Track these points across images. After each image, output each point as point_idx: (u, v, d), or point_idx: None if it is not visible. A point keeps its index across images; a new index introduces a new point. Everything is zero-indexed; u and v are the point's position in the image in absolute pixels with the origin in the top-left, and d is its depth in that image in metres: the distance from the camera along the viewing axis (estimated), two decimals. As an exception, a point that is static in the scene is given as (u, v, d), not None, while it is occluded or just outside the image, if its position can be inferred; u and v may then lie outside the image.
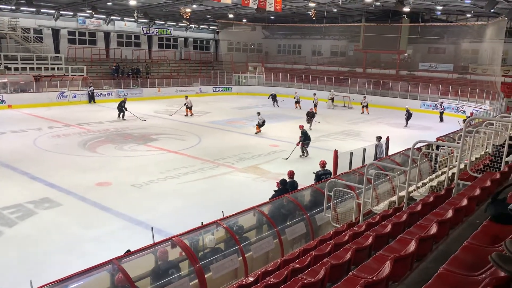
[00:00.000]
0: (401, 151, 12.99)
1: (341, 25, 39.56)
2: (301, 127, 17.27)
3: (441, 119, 27.04)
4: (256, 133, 20.96)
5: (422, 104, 32.26)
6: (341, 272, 4.02)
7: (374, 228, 5.29)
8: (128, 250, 6.15)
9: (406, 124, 24.93)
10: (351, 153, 13.12)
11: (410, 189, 7.11)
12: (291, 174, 10.21)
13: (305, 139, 16.52)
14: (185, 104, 26.11)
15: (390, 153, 14.64)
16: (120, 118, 23.69)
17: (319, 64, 43.42)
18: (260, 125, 21.16)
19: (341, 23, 39.44)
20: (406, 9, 29.55)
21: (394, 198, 7.60)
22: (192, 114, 25.92)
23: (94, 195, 11.64)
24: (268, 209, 7.92)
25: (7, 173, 13.49)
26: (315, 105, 28.33)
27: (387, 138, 15.78)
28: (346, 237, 5.41)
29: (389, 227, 4.93)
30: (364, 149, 14.00)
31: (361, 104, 30.50)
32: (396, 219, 5.28)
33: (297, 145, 16.51)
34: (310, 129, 20.98)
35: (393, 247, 3.96)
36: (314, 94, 30.70)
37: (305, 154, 16.61)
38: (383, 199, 8.71)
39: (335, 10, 34.26)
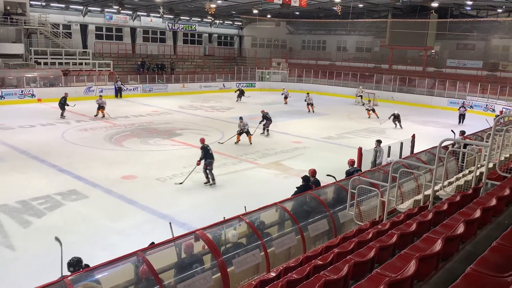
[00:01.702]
0: (427, 149, 12.74)
1: (367, 21, 39.04)
2: (262, 111, 19.61)
3: (461, 121, 24.62)
4: (235, 142, 17.55)
5: (449, 101, 31.53)
6: (365, 270, 3.99)
7: (398, 227, 5.22)
8: (153, 243, 6.25)
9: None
10: (376, 151, 12.97)
11: (436, 188, 6.98)
12: (313, 172, 9.91)
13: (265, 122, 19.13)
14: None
15: (415, 151, 14.37)
16: (63, 116, 22.01)
17: (344, 60, 42.98)
18: (242, 132, 17.67)
19: (367, 18, 38.94)
20: (435, 4, 28.93)
21: (420, 196, 7.48)
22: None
23: (120, 188, 11.86)
24: (290, 205, 7.91)
25: (36, 165, 13.89)
26: (285, 97, 29.60)
27: (413, 136, 15.51)
28: (370, 235, 5.35)
29: (414, 226, 4.85)
30: (389, 147, 13.81)
31: (366, 108, 26.81)
32: (422, 218, 5.19)
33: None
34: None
35: (418, 246, 3.90)
36: (284, 88, 31.20)
37: (265, 134, 19.24)
38: (408, 198, 8.57)
39: (361, 5, 33.79)
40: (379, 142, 13.24)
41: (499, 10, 33.08)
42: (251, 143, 17.46)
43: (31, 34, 31.24)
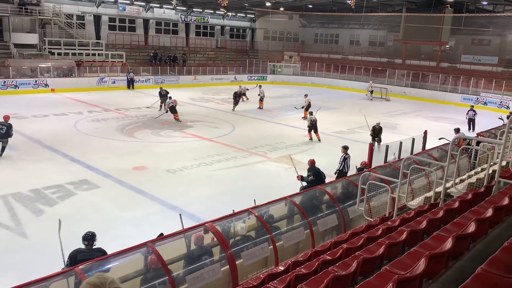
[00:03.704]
0: (439, 145, 12.62)
1: (381, 15, 38.56)
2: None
3: (471, 127, 21.60)
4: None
5: (463, 97, 31.12)
6: (373, 266, 3.98)
7: (408, 224, 5.19)
8: (161, 234, 6.31)
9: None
10: (387, 146, 12.88)
11: (447, 185, 6.91)
12: (312, 162, 10.35)
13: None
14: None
15: (427, 147, 14.24)
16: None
17: (357, 54, 42.58)
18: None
19: (380, 12, 38.45)
20: (450, -1, 28.46)
21: (430, 193, 7.43)
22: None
23: (131, 179, 11.96)
24: (300, 199, 7.91)
25: (49, 154, 14.06)
26: (261, 99, 25.45)
27: (425, 132, 15.36)
28: (379, 232, 5.33)
29: (424, 223, 4.82)
30: (401, 142, 13.69)
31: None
32: (432, 216, 5.15)
33: None
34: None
35: (428, 243, 3.88)
36: (260, 86, 27.26)
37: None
38: (419, 195, 8.51)
39: (375, -1, 33.43)
40: (345, 148, 11.66)
41: (517, 5, 32.45)
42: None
43: (46, 24, 31.49)
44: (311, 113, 18.16)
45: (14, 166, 12.65)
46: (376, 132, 16.53)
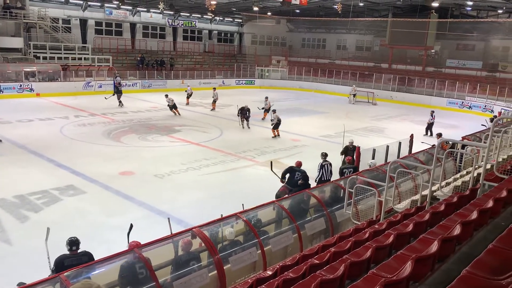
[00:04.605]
0: (425, 149, 12.76)
1: (367, 20, 38.98)
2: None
3: (428, 132, 20.85)
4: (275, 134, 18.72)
5: (448, 102, 31.58)
6: (361, 270, 4.00)
7: (395, 227, 5.23)
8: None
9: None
10: (374, 150, 12.97)
11: (434, 188, 6.99)
12: (299, 164, 10.39)
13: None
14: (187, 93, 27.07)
15: (413, 151, 14.39)
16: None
17: (344, 59, 42.93)
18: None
19: (367, 17, 38.86)
20: (435, 4, 28.90)
21: (417, 197, 7.50)
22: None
23: (117, 184, 11.85)
24: (287, 203, 7.92)
25: (34, 159, 13.86)
26: (214, 101, 25.73)
27: (411, 136, 15.52)
28: (367, 235, 5.36)
29: (411, 226, 4.86)
30: (387, 146, 13.81)
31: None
32: (418, 219, 5.20)
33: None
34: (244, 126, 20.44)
35: (414, 246, 3.91)
36: (214, 88, 27.00)
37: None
38: (405, 198, 8.59)
39: (361, 4, 33.77)
40: (325, 155, 11.09)
41: (500, 11, 33.08)
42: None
43: (30, 28, 31.13)
44: (274, 111, 19.29)
45: (-2, 171, 12.44)
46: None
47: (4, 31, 29.06)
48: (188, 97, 27.17)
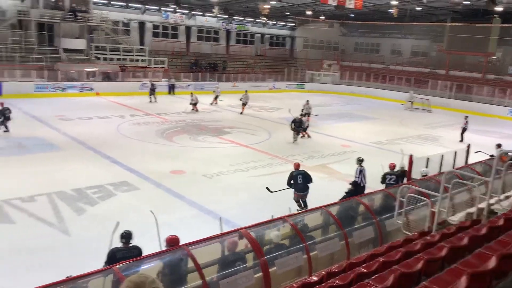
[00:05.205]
0: (483, 160, 12.15)
1: (425, 24, 37.71)
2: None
3: (461, 137, 20.53)
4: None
5: (510, 111, 29.83)
6: (411, 282, 3.87)
7: (449, 240, 5.01)
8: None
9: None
10: (427, 159, 12.50)
11: (491, 201, 6.64)
12: (298, 166, 10.72)
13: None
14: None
15: (469, 162, 13.73)
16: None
17: (398, 64, 41.74)
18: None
19: (424, 21, 37.58)
20: (499, 9, 27.42)
21: (473, 209, 7.15)
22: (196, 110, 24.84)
23: (168, 182, 12.21)
24: (336, 209, 7.81)
25: (92, 155, 14.60)
26: (216, 97, 27.45)
27: (468, 146, 14.83)
28: (418, 246, 5.18)
29: (466, 240, 4.65)
30: (442, 156, 13.28)
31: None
32: (474, 232, 4.96)
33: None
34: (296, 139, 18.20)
35: (470, 261, 3.74)
36: (246, 91, 26.36)
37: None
38: (460, 210, 8.20)
39: (418, 8, 32.72)
40: (360, 160, 11.12)
41: None
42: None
43: (93, 30, 32.82)
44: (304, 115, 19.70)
45: (59, 166, 13.19)
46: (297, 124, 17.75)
47: (69, 33, 30.84)
48: (215, 98, 27.85)
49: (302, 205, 10.33)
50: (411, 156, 12.65)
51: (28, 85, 26.29)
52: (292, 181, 10.39)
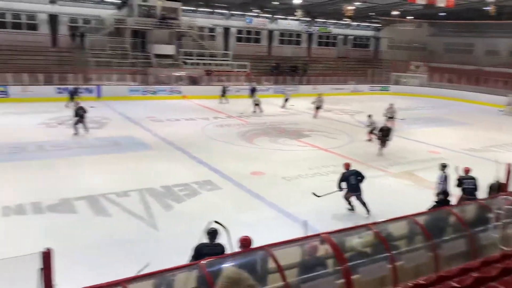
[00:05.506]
0: None
1: (526, 21, 34.42)
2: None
3: None
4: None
5: None
6: (511, 301, 3.56)
7: (556, 259, 4.53)
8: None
9: None
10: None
11: None
12: (348, 165, 10.72)
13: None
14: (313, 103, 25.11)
15: None
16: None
17: (494, 66, 38.52)
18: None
19: (526, 18, 34.34)
20: None
21: None
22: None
23: (249, 183, 12.46)
24: (423, 219, 7.41)
25: (179, 155, 15.40)
26: (317, 108, 24.40)
27: None
28: (518, 263, 4.75)
29: None
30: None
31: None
32: None
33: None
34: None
35: None
36: (319, 95, 25.23)
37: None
38: None
39: (519, 4, 29.98)
40: (443, 166, 10.60)
41: None
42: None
43: (181, 36, 34.60)
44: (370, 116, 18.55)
45: (150, 164, 14.08)
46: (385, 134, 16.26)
47: (160, 39, 32.83)
48: (286, 101, 27.72)
49: (363, 204, 10.34)
50: (508, 165, 11.61)
51: (123, 88, 28.49)
52: (343, 183, 10.42)
